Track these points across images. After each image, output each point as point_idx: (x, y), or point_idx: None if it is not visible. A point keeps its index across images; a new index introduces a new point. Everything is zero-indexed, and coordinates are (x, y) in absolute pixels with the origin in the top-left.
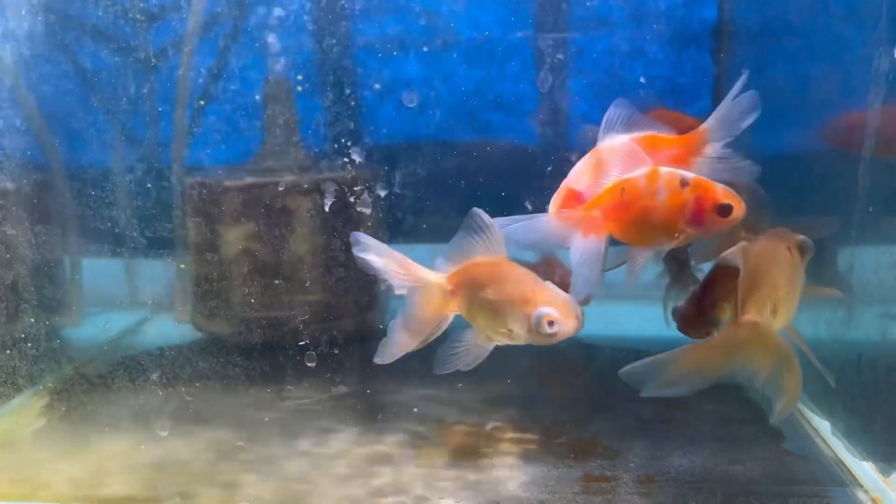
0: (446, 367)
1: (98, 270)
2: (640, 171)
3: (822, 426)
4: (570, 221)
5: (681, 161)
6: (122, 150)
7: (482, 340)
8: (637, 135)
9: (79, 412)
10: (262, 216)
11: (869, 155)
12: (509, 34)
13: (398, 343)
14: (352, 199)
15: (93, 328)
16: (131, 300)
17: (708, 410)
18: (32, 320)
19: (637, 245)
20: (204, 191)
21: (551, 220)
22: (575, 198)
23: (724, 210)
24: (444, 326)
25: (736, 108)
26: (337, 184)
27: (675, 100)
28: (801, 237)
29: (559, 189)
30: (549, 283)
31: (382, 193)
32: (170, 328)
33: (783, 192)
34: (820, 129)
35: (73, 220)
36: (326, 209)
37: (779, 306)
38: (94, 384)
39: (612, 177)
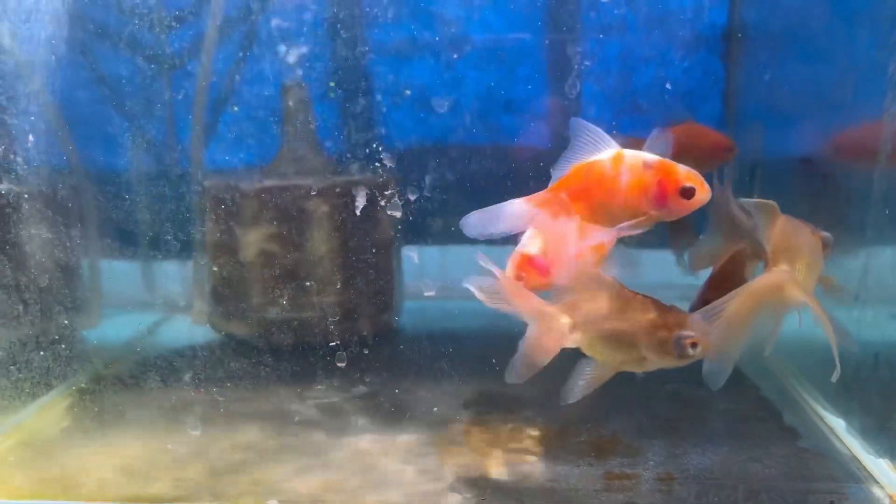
0: (572, 398)
1: (116, 272)
2: (605, 154)
3: (838, 424)
4: (538, 204)
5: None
6: (141, 153)
7: (610, 372)
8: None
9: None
10: (281, 219)
11: (885, 158)
12: (521, 38)
13: (525, 367)
14: (375, 203)
15: (111, 329)
16: (150, 301)
17: (724, 409)
18: (65, 322)
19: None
20: (223, 194)
21: (520, 204)
22: (529, 262)
23: (687, 192)
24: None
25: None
26: (357, 187)
27: (686, 104)
28: (826, 234)
29: (513, 254)
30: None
31: (408, 197)
32: (187, 329)
33: (796, 195)
34: (829, 144)
35: (93, 222)
36: (343, 213)
37: (801, 274)
38: (122, 384)
39: (579, 159)
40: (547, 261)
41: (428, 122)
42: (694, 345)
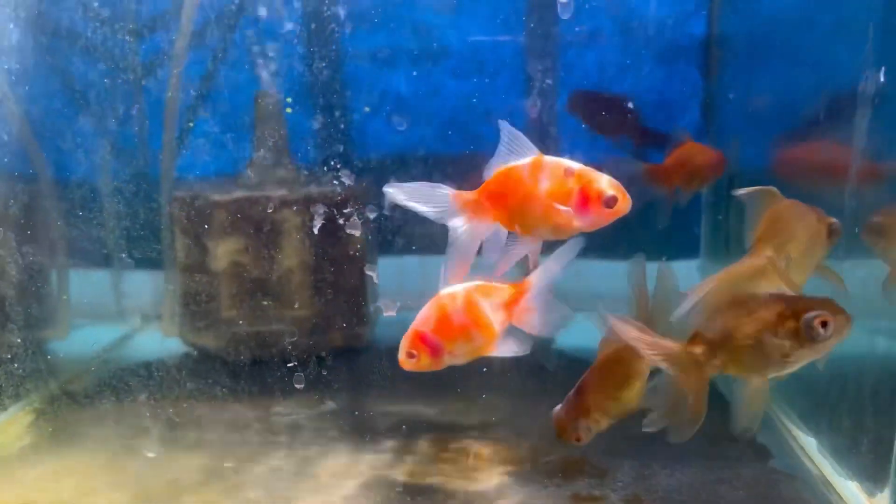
0: (749, 426)
1: (86, 283)
2: (525, 159)
3: (809, 443)
4: (461, 202)
5: (509, 307)
6: (110, 163)
7: (763, 385)
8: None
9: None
10: (251, 231)
11: (854, 175)
12: (500, 48)
13: (688, 425)
14: (341, 215)
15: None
16: (119, 313)
17: None
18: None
19: (524, 235)
20: (192, 205)
21: (446, 193)
22: (422, 340)
23: (610, 201)
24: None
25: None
26: (327, 199)
27: (665, 114)
28: (834, 220)
29: (408, 332)
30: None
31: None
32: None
33: None
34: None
35: (60, 233)
36: (316, 224)
37: (792, 263)
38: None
39: (498, 163)
40: (438, 339)
41: (403, 132)
42: (825, 323)
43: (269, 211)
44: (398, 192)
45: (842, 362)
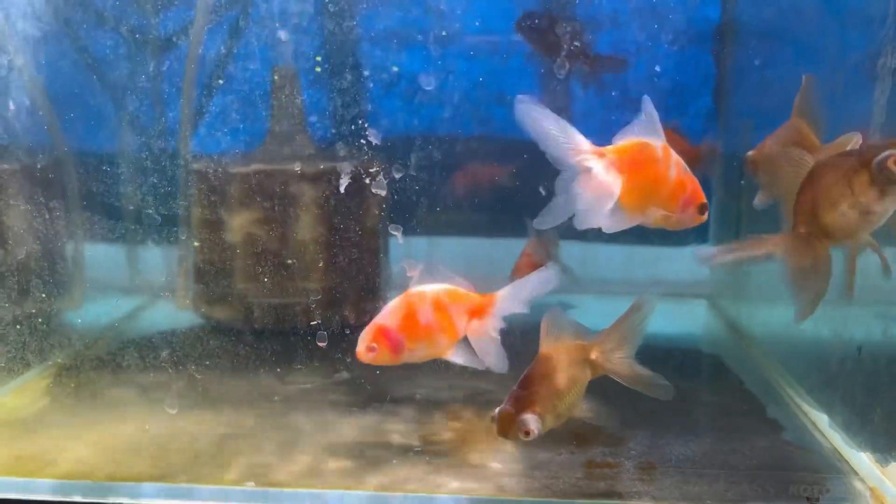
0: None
1: (100, 255)
2: (658, 141)
3: (821, 419)
4: (595, 155)
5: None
6: (127, 134)
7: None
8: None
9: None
10: (267, 202)
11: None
12: (511, 30)
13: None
14: (361, 184)
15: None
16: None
17: (707, 402)
18: (43, 296)
19: (632, 212)
20: (210, 176)
21: (583, 141)
22: (384, 334)
23: (703, 209)
24: None
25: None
26: (342, 172)
27: (677, 98)
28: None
29: (370, 325)
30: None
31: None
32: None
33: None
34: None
35: (77, 204)
36: (331, 197)
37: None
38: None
39: (631, 134)
40: (400, 336)
41: (419, 111)
42: None
43: (286, 184)
44: (529, 111)
45: (855, 341)
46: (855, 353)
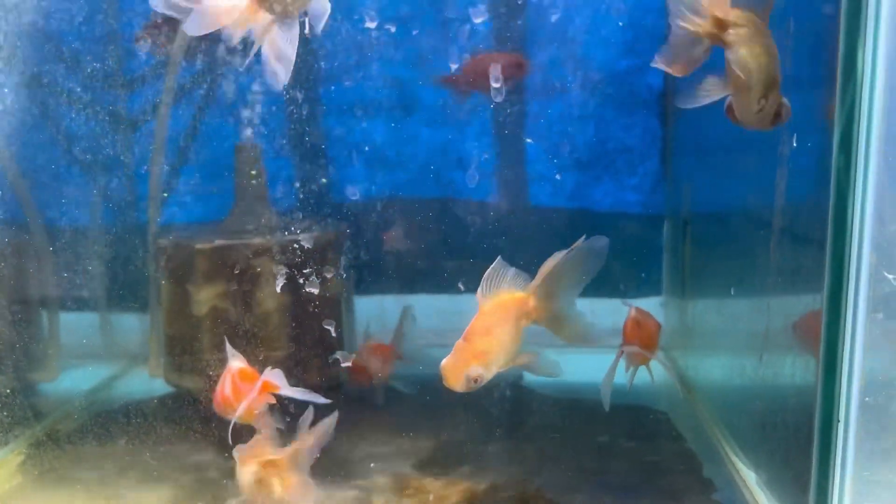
0: None
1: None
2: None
3: (749, 477)
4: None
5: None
6: (98, 208)
7: None
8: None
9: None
10: (231, 276)
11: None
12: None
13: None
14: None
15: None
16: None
17: (649, 461)
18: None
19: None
20: (175, 251)
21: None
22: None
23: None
24: None
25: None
26: (302, 245)
27: (626, 159)
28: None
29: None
30: None
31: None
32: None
33: (724, 248)
34: None
35: (51, 277)
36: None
37: None
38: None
39: None
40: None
41: (379, 179)
42: None
43: (249, 257)
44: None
45: (777, 391)
46: (778, 407)
